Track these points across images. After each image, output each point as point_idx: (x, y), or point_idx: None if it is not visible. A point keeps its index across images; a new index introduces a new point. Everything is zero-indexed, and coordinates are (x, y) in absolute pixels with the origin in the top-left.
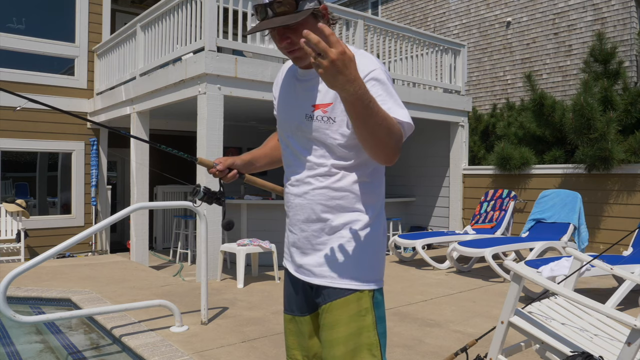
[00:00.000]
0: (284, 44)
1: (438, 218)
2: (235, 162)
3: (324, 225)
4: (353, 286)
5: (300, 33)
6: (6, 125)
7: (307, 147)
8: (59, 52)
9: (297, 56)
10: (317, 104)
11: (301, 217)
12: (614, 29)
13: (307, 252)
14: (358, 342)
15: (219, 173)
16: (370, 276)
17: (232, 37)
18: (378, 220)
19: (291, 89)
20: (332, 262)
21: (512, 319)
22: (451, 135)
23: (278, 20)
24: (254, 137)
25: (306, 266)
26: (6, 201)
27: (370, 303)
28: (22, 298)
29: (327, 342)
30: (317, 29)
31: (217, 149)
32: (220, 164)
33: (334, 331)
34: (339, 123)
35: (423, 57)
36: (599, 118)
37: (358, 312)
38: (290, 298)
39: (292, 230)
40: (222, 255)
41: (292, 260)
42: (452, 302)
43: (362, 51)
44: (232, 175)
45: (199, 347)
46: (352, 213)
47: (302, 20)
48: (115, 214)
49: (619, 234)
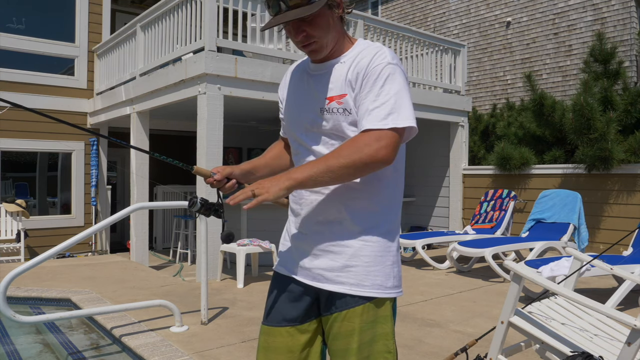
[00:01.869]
0: (299, 37)
1: (438, 218)
2: (234, 171)
3: (341, 226)
4: (373, 294)
5: (316, 25)
6: (6, 125)
7: (323, 143)
8: (59, 52)
9: (312, 49)
10: (332, 96)
11: (316, 215)
12: (614, 29)
13: (318, 255)
14: (373, 350)
15: (216, 183)
16: (391, 282)
17: (232, 37)
18: (396, 223)
19: (302, 85)
20: (349, 267)
21: (512, 319)
22: (451, 135)
23: (292, 14)
24: (254, 137)
25: (316, 270)
26: (6, 201)
27: (390, 311)
28: (22, 298)
29: (341, 351)
30: (331, 23)
31: (217, 149)
32: (218, 174)
33: (351, 340)
34: (354, 114)
35: (423, 57)
36: (599, 118)
37: (375, 320)
38: (283, 307)
39: (302, 231)
40: (222, 255)
41: (295, 264)
42: (452, 302)
43: (378, 45)
44: (230, 185)
45: (199, 347)
46: (372, 214)
47: (317, 12)
48: (115, 214)
49: (619, 234)
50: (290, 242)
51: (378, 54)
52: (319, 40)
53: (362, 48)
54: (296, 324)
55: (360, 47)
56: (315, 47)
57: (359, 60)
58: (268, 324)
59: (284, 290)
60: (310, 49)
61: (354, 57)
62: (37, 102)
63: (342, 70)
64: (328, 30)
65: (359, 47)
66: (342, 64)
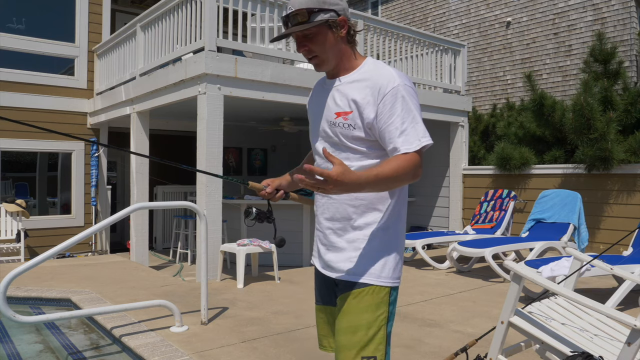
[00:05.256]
0: (302, 51)
1: (438, 218)
2: (282, 182)
3: (346, 223)
4: (369, 281)
5: (316, 42)
6: (6, 125)
7: (333, 150)
8: (59, 52)
9: (315, 63)
10: (339, 112)
11: (327, 215)
12: (614, 29)
13: (330, 249)
14: (367, 334)
15: (268, 195)
16: (387, 273)
17: (232, 37)
18: (398, 221)
19: (319, 99)
20: (351, 259)
21: (512, 319)
22: (451, 135)
23: (292, 29)
24: (254, 137)
25: (329, 262)
26: (6, 201)
27: (385, 299)
28: (22, 298)
29: (338, 329)
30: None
31: (217, 149)
32: (269, 186)
33: (344, 319)
34: (358, 129)
35: (423, 57)
36: (599, 118)
37: (370, 305)
38: (321, 290)
39: (319, 228)
40: (222, 255)
41: (319, 257)
42: (452, 302)
43: (383, 64)
44: (279, 195)
45: (199, 347)
46: (374, 213)
47: (317, 31)
48: (115, 214)
49: (619, 234)
50: (316, 237)
51: (389, 78)
52: (320, 55)
53: (370, 69)
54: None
55: (368, 66)
56: (317, 61)
57: (368, 82)
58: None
59: (317, 277)
60: (313, 62)
61: (361, 77)
62: (37, 102)
63: (350, 89)
64: (328, 48)
65: (366, 66)
66: (350, 83)
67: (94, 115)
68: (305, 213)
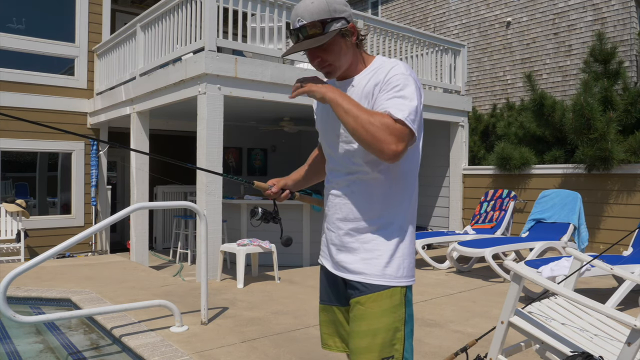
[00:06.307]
0: (315, 62)
1: (438, 218)
2: (287, 182)
3: (360, 224)
4: (386, 282)
5: (330, 52)
6: (6, 125)
7: (345, 153)
8: (59, 52)
9: (327, 71)
10: None
11: (340, 215)
12: (614, 29)
13: (342, 249)
14: (386, 337)
15: (273, 194)
16: (402, 273)
17: (232, 37)
18: (410, 221)
19: None
20: (366, 260)
21: (512, 319)
22: (451, 135)
23: (306, 43)
24: (254, 137)
25: (342, 263)
26: (6, 201)
27: (402, 300)
28: (22, 298)
29: (355, 333)
30: (344, 49)
31: (217, 149)
32: (274, 186)
33: (363, 323)
34: None
35: (423, 57)
36: (599, 118)
37: (389, 308)
38: (328, 290)
39: (330, 229)
40: (222, 255)
41: (329, 257)
42: (452, 302)
43: (394, 60)
44: (285, 195)
45: (199, 347)
46: (387, 214)
47: (330, 41)
48: (115, 214)
49: (619, 234)
50: (324, 237)
51: (394, 67)
52: (333, 64)
53: (379, 64)
54: (337, 304)
55: (378, 63)
56: (330, 70)
57: (377, 75)
58: (320, 302)
59: (324, 277)
60: (325, 71)
61: (372, 72)
62: (37, 102)
63: (360, 86)
64: (341, 55)
65: (376, 63)
66: (360, 79)
67: (94, 115)
68: (305, 213)
